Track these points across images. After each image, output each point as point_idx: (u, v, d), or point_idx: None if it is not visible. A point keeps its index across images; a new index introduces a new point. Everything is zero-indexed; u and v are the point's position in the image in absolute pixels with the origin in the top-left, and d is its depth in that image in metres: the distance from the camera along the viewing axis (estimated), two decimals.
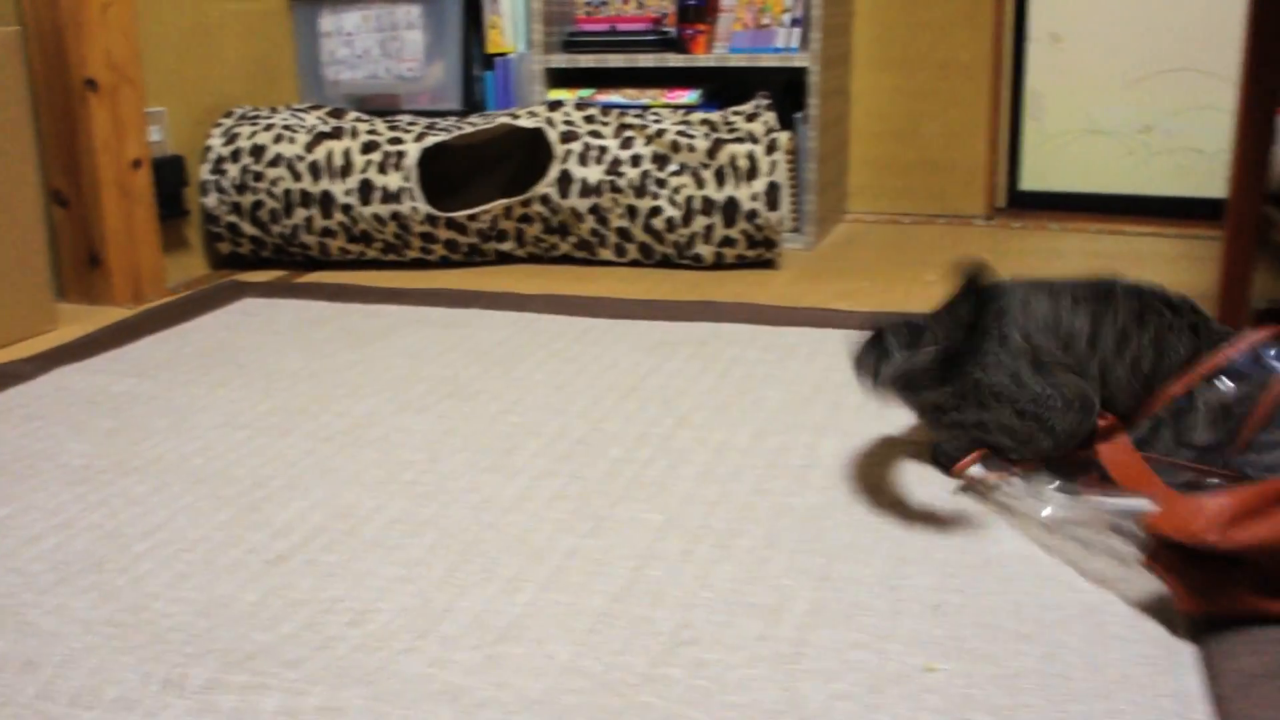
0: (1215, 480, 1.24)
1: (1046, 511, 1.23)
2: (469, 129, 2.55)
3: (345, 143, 2.49)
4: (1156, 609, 1.07)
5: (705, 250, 2.47)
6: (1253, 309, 1.97)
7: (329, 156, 2.47)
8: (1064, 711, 0.91)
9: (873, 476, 1.37)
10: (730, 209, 2.43)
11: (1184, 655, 1.00)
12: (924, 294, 2.31)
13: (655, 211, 2.45)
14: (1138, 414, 1.30)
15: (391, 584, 1.13)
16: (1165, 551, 1.05)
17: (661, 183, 2.44)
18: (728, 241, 2.46)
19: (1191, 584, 1.03)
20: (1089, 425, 1.30)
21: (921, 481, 1.36)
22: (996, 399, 1.30)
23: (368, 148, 2.48)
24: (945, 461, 1.37)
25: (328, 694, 0.95)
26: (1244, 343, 1.26)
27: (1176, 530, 1.02)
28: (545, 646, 1.02)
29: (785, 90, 2.91)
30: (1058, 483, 1.27)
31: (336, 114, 2.61)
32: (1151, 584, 1.09)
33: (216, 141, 2.54)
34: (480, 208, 2.46)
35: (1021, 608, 1.07)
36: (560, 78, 2.93)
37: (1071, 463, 1.32)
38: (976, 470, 1.33)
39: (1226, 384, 1.25)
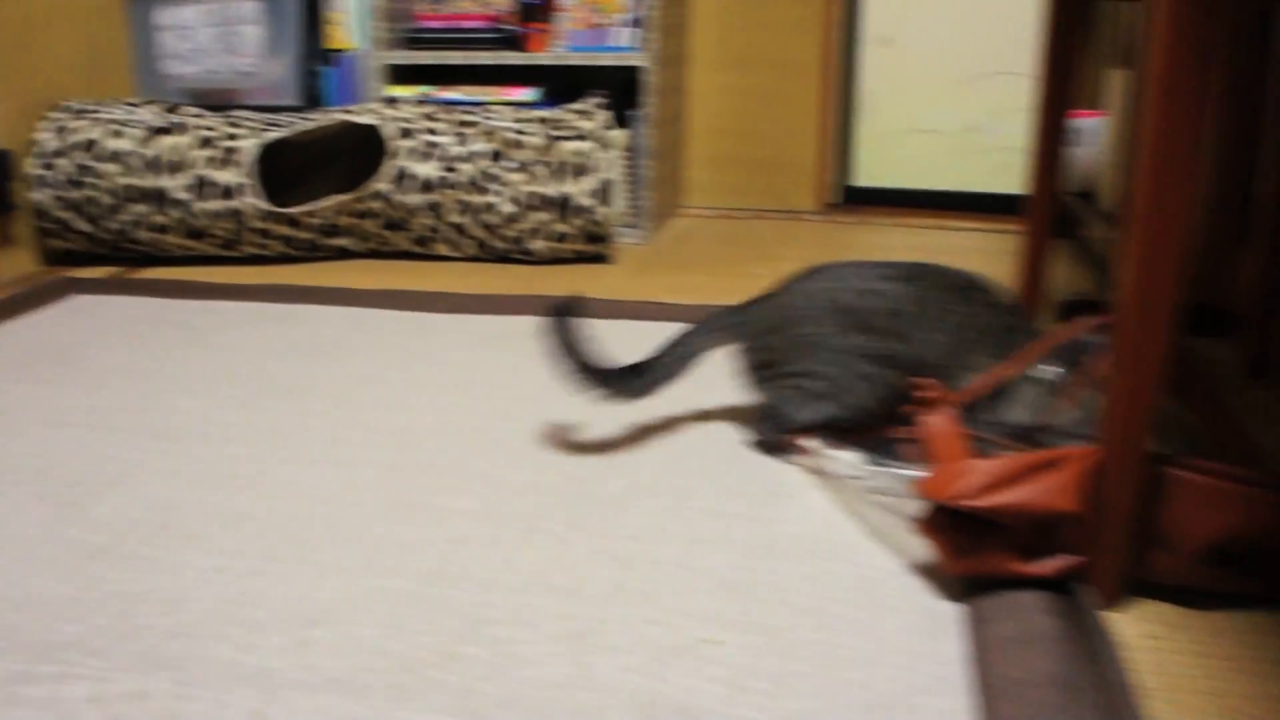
0: None
1: (858, 480, 1.31)
2: (307, 125, 2.56)
3: (181, 138, 2.48)
4: (929, 580, 1.15)
5: (540, 245, 2.52)
6: (1061, 300, 2.08)
7: (165, 152, 2.46)
8: (834, 677, 0.98)
9: (679, 464, 1.44)
10: (564, 205, 2.48)
11: (949, 622, 1.07)
12: (752, 287, 2.39)
13: (491, 207, 2.49)
14: (952, 382, 1.39)
15: (206, 574, 1.16)
16: (933, 515, 1.13)
17: (497, 179, 2.48)
18: (562, 237, 2.51)
19: (954, 546, 1.11)
20: (890, 382, 1.39)
21: (724, 466, 1.42)
22: (816, 347, 1.39)
23: (204, 143, 2.48)
24: (770, 435, 1.45)
25: (135, 681, 0.98)
26: (1069, 330, 1.35)
27: (938, 493, 1.10)
28: (352, 629, 1.06)
29: (624, 88, 2.97)
30: (872, 454, 1.36)
31: (173, 109, 2.60)
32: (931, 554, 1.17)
33: (46, 135, 2.51)
34: (317, 204, 2.48)
35: (804, 583, 1.14)
36: (401, 74, 2.95)
37: (897, 435, 1.40)
38: (805, 441, 1.40)
39: (1049, 369, 1.34)
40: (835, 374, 1.40)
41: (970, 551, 1.11)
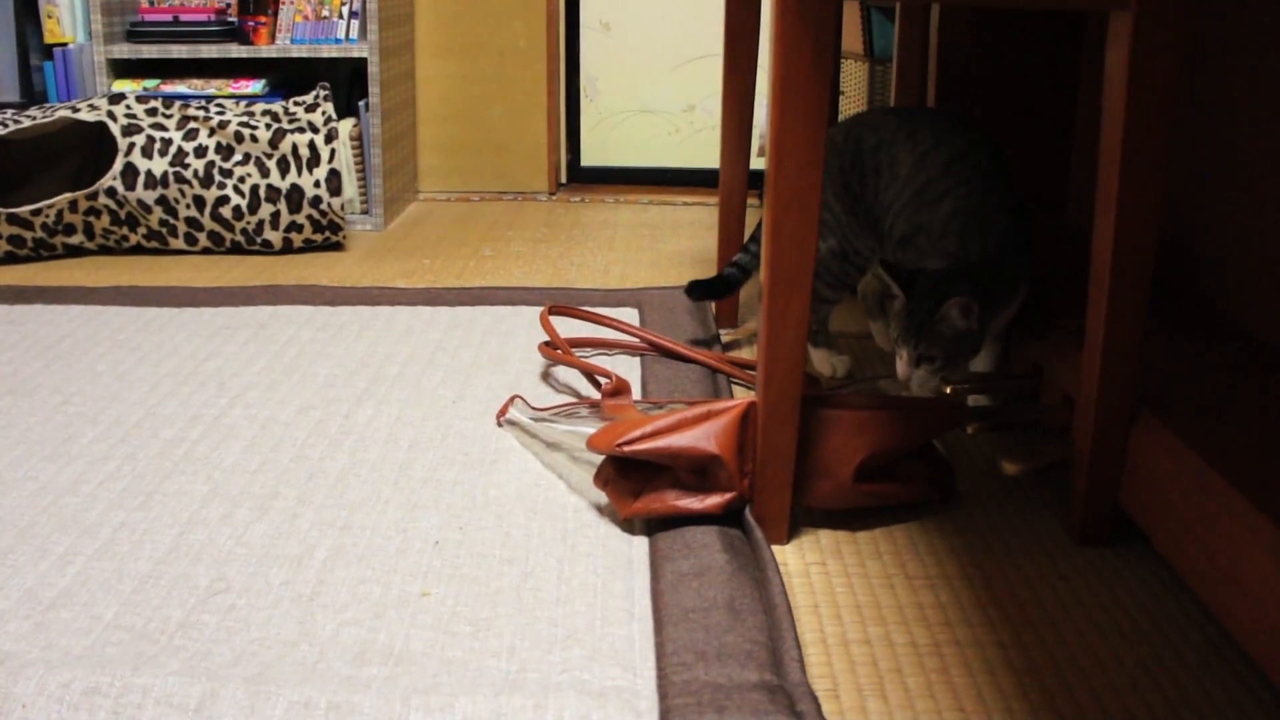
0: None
1: (561, 440, 1.48)
2: (28, 123, 2.55)
3: None
4: (622, 529, 1.30)
5: (274, 236, 2.59)
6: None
7: None
8: (534, 617, 1.12)
9: (399, 438, 1.56)
10: (295, 196, 2.55)
11: (637, 563, 1.23)
12: (481, 267, 2.52)
13: (222, 201, 2.54)
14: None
15: None
16: (604, 467, 1.29)
17: (227, 173, 2.53)
18: (294, 227, 2.58)
19: (624, 491, 1.27)
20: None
21: (441, 439, 1.55)
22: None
23: None
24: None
25: None
26: None
27: (602, 445, 1.25)
28: (92, 609, 1.14)
29: (352, 78, 3.04)
30: (566, 417, 1.52)
31: None
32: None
33: None
34: (44, 202, 2.48)
35: (509, 537, 1.28)
36: (125, 68, 2.95)
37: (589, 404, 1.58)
38: (513, 413, 1.57)
39: None
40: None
41: (639, 496, 1.27)
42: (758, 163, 3.19)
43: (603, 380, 1.66)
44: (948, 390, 1.54)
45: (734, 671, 1.01)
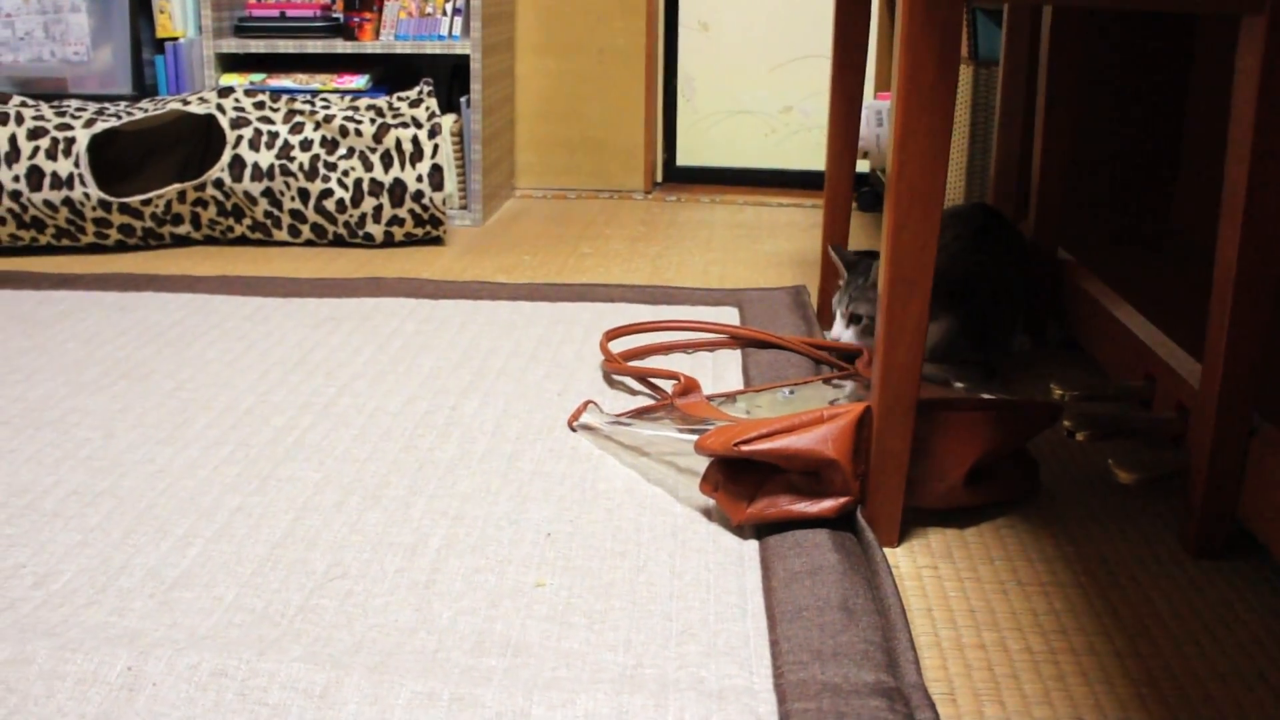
0: None
1: (643, 443, 1.49)
2: (140, 114, 2.61)
3: (11, 128, 2.51)
4: (732, 527, 1.30)
5: (375, 230, 2.62)
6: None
7: None
8: (647, 610, 1.13)
9: (506, 430, 1.57)
10: (397, 190, 2.58)
11: (748, 560, 1.23)
12: (579, 265, 2.53)
13: (326, 193, 2.57)
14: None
15: (72, 549, 1.25)
16: (713, 472, 1.29)
17: (332, 166, 2.57)
18: (396, 221, 2.61)
19: (737, 496, 1.27)
20: None
21: (548, 432, 1.56)
22: None
23: (35, 133, 2.51)
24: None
25: (14, 649, 1.06)
26: None
27: (717, 445, 1.25)
28: (213, 590, 1.16)
29: (453, 74, 3.07)
30: (651, 420, 1.53)
31: (2, 99, 2.62)
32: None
33: None
34: (154, 193, 2.53)
35: (620, 531, 1.28)
36: (233, 62, 3.00)
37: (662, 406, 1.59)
38: (588, 418, 1.57)
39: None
40: None
41: (753, 501, 1.27)
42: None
43: (669, 384, 1.70)
44: (1057, 395, 1.53)
45: (850, 672, 1.01)
